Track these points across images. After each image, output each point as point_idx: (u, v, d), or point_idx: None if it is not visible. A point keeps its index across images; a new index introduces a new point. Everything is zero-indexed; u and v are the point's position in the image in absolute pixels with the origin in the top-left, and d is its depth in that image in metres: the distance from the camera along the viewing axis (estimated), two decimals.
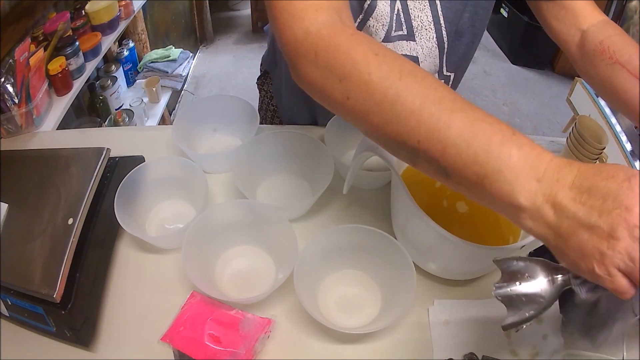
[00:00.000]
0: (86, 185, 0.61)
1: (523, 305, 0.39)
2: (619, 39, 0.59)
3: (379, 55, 0.41)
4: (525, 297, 0.39)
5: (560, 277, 0.39)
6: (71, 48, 1.37)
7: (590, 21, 0.62)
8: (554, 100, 2.72)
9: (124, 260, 0.67)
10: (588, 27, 0.62)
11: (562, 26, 0.65)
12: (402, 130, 0.40)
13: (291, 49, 0.45)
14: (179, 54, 2.22)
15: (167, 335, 0.57)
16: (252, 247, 0.69)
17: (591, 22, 0.62)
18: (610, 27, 0.61)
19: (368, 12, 0.64)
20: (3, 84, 0.89)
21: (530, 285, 0.39)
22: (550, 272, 0.39)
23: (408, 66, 0.41)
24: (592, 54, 0.60)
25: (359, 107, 0.42)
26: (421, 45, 0.69)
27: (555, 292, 0.39)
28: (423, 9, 0.66)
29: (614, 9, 2.42)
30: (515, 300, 0.39)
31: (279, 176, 0.79)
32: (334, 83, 0.43)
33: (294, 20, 0.45)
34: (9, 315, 0.58)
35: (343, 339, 0.60)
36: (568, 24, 0.64)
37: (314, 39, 0.44)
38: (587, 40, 0.62)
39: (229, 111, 0.83)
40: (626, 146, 0.79)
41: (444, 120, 0.38)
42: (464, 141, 0.37)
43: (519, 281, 0.39)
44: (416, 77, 0.40)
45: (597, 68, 0.60)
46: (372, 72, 0.41)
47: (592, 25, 0.62)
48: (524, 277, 0.39)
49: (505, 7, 3.03)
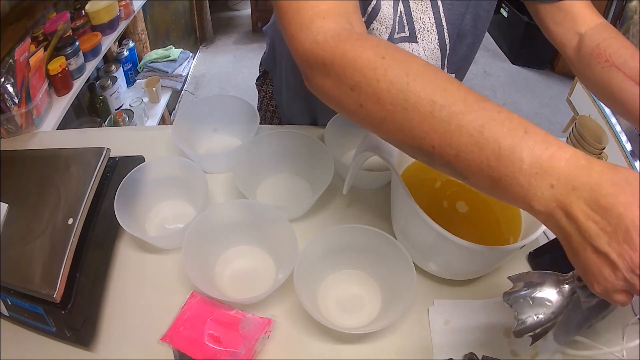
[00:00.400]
0: (86, 185, 0.61)
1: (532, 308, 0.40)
2: (616, 41, 0.59)
3: (385, 59, 0.41)
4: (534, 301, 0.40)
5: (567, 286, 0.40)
6: (71, 48, 1.37)
7: (588, 24, 0.63)
8: (554, 100, 2.72)
9: (124, 260, 0.67)
10: (586, 30, 0.62)
11: (560, 29, 0.65)
12: (417, 135, 0.40)
13: (302, 60, 0.46)
14: (179, 54, 2.22)
15: (167, 335, 0.57)
16: (252, 247, 0.69)
17: (589, 26, 0.62)
18: (607, 30, 0.61)
19: (372, 15, 0.64)
20: (3, 84, 0.89)
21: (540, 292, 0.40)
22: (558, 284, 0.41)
23: (415, 66, 0.41)
24: (588, 57, 0.61)
25: (372, 114, 0.42)
26: (423, 47, 0.69)
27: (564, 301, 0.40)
28: (425, 10, 0.66)
29: (614, 9, 2.42)
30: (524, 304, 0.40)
31: (279, 176, 0.79)
32: (346, 92, 0.43)
33: (302, 31, 0.45)
34: (9, 315, 0.58)
35: (343, 338, 0.60)
36: (566, 27, 0.64)
37: (321, 50, 0.44)
38: (584, 44, 0.62)
39: (229, 111, 0.83)
40: (626, 146, 0.79)
41: (455, 124, 0.37)
42: (476, 145, 0.37)
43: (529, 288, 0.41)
44: (424, 79, 0.39)
45: (594, 71, 0.60)
46: (380, 80, 0.40)
47: (589, 29, 0.62)
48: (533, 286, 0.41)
49: (505, 7, 3.03)
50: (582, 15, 0.63)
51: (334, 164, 0.71)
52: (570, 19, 0.63)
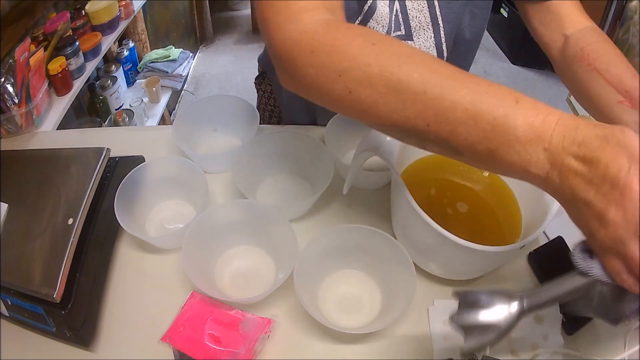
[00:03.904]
0: (86, 185, 0.61)
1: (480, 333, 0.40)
2: (601, 46, 0.59)
3: (376, 45, 0.41)
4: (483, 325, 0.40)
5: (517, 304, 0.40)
6: (71, 48, 1.37)
7: (575, 26, 0.62)
8: (554, 100, 2.72)
9: (124, 260, 0.67)
10: (572, 32, 0.62)
11: (546, 30, 0.65)
12: (410, 115, 0.40)
13: (286, 50, 0.45)
14: (179, 54, 2.22)
15: (167, 335, 0.57)
16: (252, 247, 0.69)
17: (575, 28, 0.62)
18: (594, 35, 0.61)
19: (368, 14, 0.64)
20: (3, 84, 0.89)
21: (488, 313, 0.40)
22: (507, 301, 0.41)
23: (406, 50, 0.41)
24: (571, 59, 0.61)
25: (363, 99, 0.42)
26: (419, 45, 0.69)
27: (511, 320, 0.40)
28: (421, 9, 0.66)
29: (614, 9, 2.42)
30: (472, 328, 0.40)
31: (279, 176, 0.79)
32: (333, 79, 0.42)
33: (289, 22, 0.44)
34: (9, 315, 0.58)
35: (343, 339, 0.60)
36: (552, 28, 0.64)
37: (309, 39, 0.43)
38: (568, 45, 0.62)
39: (229, 111, 0.83)
40: None
41: (448, 100, 0.38)
42: (471, 118, 0.37)
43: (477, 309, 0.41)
44: (414, 60, 0.40)
45: (575, 73, 0.60)
46: (372, 63, 0.41)
47: (576, 31, 0.62)
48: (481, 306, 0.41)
49: (505, 7, 3.02)
50: (570, 17, 0.63)
51: (334, 164, 0.71)
52: (557, 19, 0.64)
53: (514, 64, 3.04)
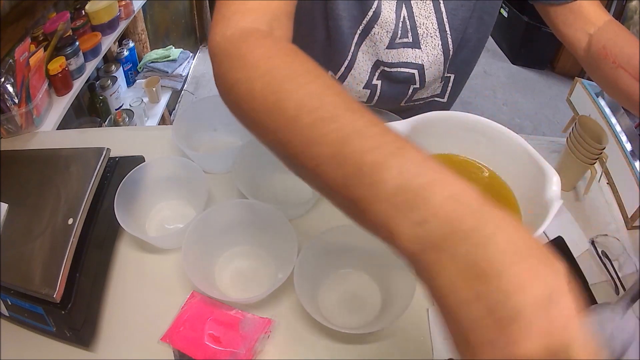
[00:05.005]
0: (86, 185, 0.61)
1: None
2: (620, 40, 0.59)
3: (272, 59, 0.38)
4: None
5: None
6: (71, 48, 1.37)
7: (596, 24, 0.63)
8: (554, 100, 2.72)
9: (124, 260, 0.67)
10: (594, 30, 0.63)
11: (570, 30, 0.65)
12: (281, 140, 0.35)
13: (211, 50, 0.43)
14: (179, 54, 2.22)
15: (167, 335, 0.57)
16: (252, 247, 0.69)
17: (597, 25, 0.63)
18: (612, 29, 0.61)
19: (373, 19, 0.64)
20: (3, 84, 0.89)
21: None
22: None
23: (301, 69, 0.37)
24: (597, 58, 0.61)
25: (246, 115, 0.38)
26: (427, 53, 0.68)
27: None
28: (428, 15, 0.65)
29: (614, 9, 2.42)
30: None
31: (279, 176, 0.79)
32: (228, 90, 0.40)
33: (221, 23, 0.43)
34: (9, 315, 0.58)
35: (343, 338, 0.60)
36: (576, 28, 0.64)
37: (224, 44, 0.41)
38: (592, 44, 0.62)
39: (229, 111, 0.83)
40: (626, 146, 0.79)
41: (317, 133, 0.32)
42: (334, 158, 0.31)
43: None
44: (301, 81, 0.35)
45: (603, 71, 0.61)
46: (256, 79, 0.37)
47: (597, 29, 0.63)
48: None
49: (505, 7, 3.02)
50: (591, 14, 0.63)
51: None
52: (580, 20, 0.64)
53: (514, 64, 3.05)
